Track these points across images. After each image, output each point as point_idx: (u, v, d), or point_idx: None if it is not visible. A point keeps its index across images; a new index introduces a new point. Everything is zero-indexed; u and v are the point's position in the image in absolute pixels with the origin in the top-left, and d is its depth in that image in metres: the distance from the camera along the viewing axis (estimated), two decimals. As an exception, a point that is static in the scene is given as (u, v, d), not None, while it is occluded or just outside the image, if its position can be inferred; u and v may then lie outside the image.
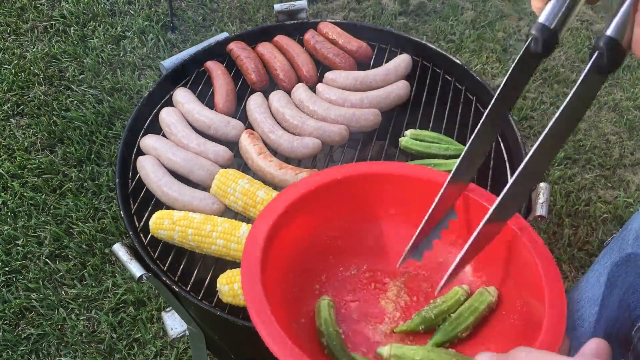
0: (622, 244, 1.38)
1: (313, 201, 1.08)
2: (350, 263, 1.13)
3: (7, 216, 2.74)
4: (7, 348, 2.36)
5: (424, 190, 1.10)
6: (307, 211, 1.08)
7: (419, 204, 1.09)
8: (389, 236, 1.15)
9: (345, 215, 1.13)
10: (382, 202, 1.14)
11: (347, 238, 1.13)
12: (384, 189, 1.14)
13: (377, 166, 1.17)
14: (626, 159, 2.99)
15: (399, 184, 1.13)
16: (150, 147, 1.68)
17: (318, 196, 1.09)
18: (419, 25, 3.67)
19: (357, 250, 1.14)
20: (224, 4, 3.81)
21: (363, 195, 1.13)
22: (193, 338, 1.72)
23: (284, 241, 1.02)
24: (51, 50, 3.50)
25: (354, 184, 1.12)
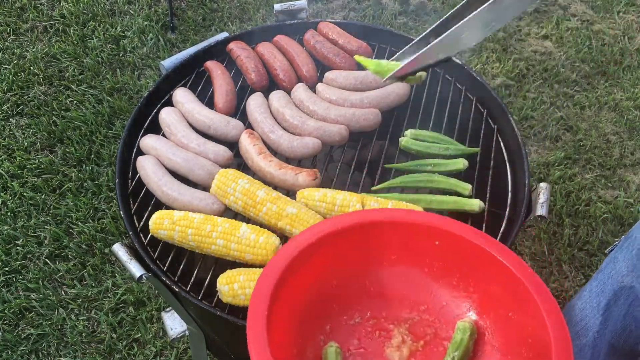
0: (626, 253, 1.37)
1: (314, 253, 1.09)
2: (354, 311, 1.13)
3: (7, 216, 2.74)
4: (7, 348, 2.36)
5: (423, 235, 1.12)
6: (309, 263, 1.08)
7: (419, 248, 1.12)
8: (391, 282, 1.15)
9: (346, 264, 1.14)
10: (382, 249, 1.15)
11: (349, 286, 1.14)
12: (384, 236, 1.14)
13: (375, 214, 1.18)
14: (626, 159, 2.99)
15: (398, 230, 1.14)
16: (150, 147, 1.68)
17: (318, 248, 1.10)
18: (419, 25, 3.67)
19: (360, 298, 1.14)
20: (224, 4, 3.81)
21: (363, 243, 1.14)
22: (193, 338, 1.71)
23: (288, 295, 1.02)
24: (51, 50, 3.50)
25: (353, 233, 1.13)
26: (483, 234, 1.11)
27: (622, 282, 1.34)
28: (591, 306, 1.44)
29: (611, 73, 3.34)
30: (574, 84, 3.30)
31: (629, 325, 1.22)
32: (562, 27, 3.65)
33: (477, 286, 1.10)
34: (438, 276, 1.14)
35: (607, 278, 1.41)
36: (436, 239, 1.11)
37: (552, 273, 2.58)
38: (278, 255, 1.06)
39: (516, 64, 3.42)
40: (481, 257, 1.07)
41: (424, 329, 1.11)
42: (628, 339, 1.22)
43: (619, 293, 1.34)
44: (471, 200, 1.55)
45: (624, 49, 3.47)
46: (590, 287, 1.49)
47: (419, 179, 1.64)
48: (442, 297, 1.12)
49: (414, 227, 1.13)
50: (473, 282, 1.11)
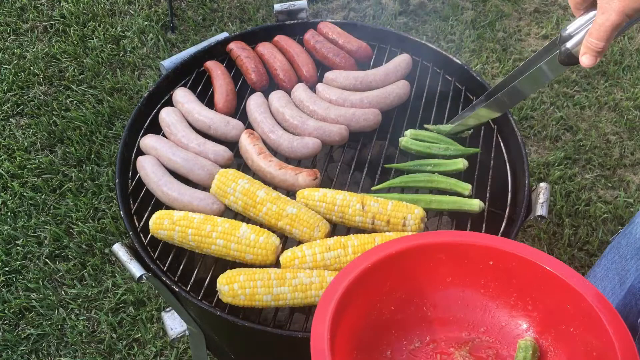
0: (629, 238, 1.38)
1: (369, 279, 1.09)
2: (413, 335, 1.13)
3: (7, 216, 2.74)
4: (7, 348, 2.36)
5: (476, 255, 1.12)
6: (365, 290, 1.08)
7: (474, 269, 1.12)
8: (448, 304, 1.15)
9: (402, 288, 1.14)
10: (437, 272, 1.15)
11: (407, 310, 1.14)
12: (437, 259, 1.14)
13: (427, 237, 1.17)
14: (626, 159, 2.99)
15: (451, 252, 1.14)
16: (150, 147, 1.68)
17: (373, 273, 1.09)
18: (419, 25, 3.67)
19: (418, 322, 1.14)
20: (224, 4, 3.81)
21: (417, 267, 1.14)
22: (193, 338, 1.72)
23: (347, 324, 1.02)
24: (51, 50, 3.50)
25: (406, 257, 1.13)
26: (537, 251, 1.11)
27: (626, 266, 1.34)
28: None
29: (611, 73, 3.34)
30: (574, 84, 3.30)
31: (629, 302, 1.23)
32: (562, 27, 3.65)
33: (535, 304, 1.10)
34: (495, 296, 1.14)
35: (611, 263, 1.42)
36: (490, 259, 1.11)
37: (552, 273, 2.58)
38: (335, 282, 1.06)
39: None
40: (537, 274, 1.07)
41: (484, 350, 1.11)
42: (629, 315, 1.22)
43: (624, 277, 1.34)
44: (471, 200, 1.55)
45: (624, 49, 3.47)
46: (593, 274, 1.49)
47: (418, 179, 1.64)
48: (500, 317, 1.13)
49: (467, 248, 1.13)
50: (531, 300, 1.10)
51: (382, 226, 1.47)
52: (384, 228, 1.47)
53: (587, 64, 1.16)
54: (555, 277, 1.04)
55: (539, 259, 1.07)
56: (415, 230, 1.46)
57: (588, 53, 1.14)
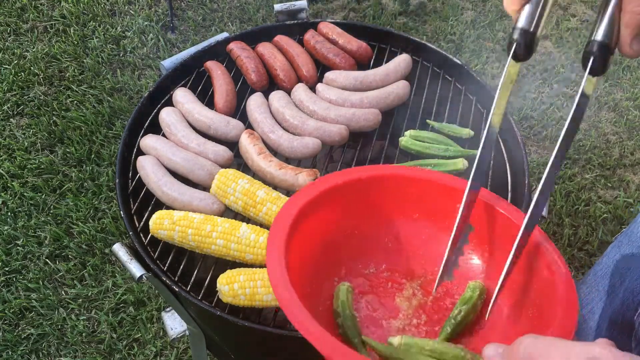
0: (631, 236, 1.38)
1: (335, 198, 1.10)
2: (369, 261, 1.15)
3: (7, 216, 2.74)
4: (7, 348, 2.36)
5: (447, 197, 1.13)
6: (329, 207, 1.10)
7: (442, 211, 1.13)
8: (409, 239, 1.17)
9: (367, 215, 1.15)
10: (404, 206, 1.16)
11: (368, 237, 1.16)
12: (408, 192, 1.15)
13: (403, 170, 1.18)
14: (626, 159, 2.99)
15: (424, 189, 1.15)
16: (150, 147, 1.68)
17: (341, 193, 1.11)
18: (419, 25, 3.67)
19: (377, 250, 1.16)
20: (224, 4, 3.81)
21: (386, 197, 1.15)
22: (193, 338, 1.72)
23: (306, 233, 1.04)
24: (51, 50, 3.51)
25: (377, 185, 1.14)
26: (504, 201, 1.12)
27: (628, 263, 1.34)
28: (597, 289, 1.45)
29: (611, 73, 3.34)
30: (574, 84, 3.30)
31: (627, 299, 1.23)
32: (562, 27, 3.65)
33: (491, 250, 1.12)
34: None
35: (612, 262, 1.42)
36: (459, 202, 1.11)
37: (552, 273, 2.58)
38: (301, 191, 1.07)
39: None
40: (498, 221, 1.09)
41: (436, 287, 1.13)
42: (626, 313, 1.23)
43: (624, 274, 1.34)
44: (471, 200, 1.55)
45: (624, 49, 3.47)
46: (594, 272, 1.50)
47: (418, 179, 1.64)
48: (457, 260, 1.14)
49: (439, 188, 1.15)
50: (488, 247, 1.12)
51: (382, 226, 1.47)
52: (384, 228, 1.47)
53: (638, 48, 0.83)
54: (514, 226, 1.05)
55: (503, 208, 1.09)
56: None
57: None
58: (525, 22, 0.91)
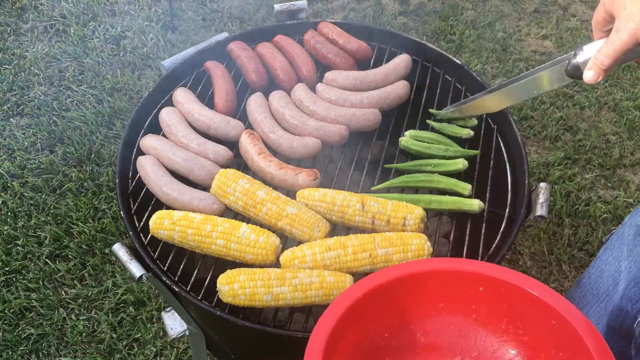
0: (622, 239, 1.38)
1: (360, 309, 1.11)
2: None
3: (7, 216, 2.74)
4: (7, 348, 2.36)
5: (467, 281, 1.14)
6: (357, 320, 1.10)
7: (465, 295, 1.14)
8: (440, 331, 1.17)
9: (395, 316, 1.16)
10: (428, 299, 1.17)
11: (400, 338, 1.16)
12: (429, 286, 1.16)
13: (418, 265, 1.19)
14: (626, 159, 2.99)
15: (442, 279, 1.16)
16: (150, 147, 1.68)
17: (364, 304, 1.11)
18: (419, 25, 3.67)
19: (412, 349, 1.16)
20: (224, 4, 3.81)
21: (409, 294, 1.16)
22: (193, 338, 1.72)
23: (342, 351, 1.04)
24: (51, 50, 3.51)
25: (398, 286, 1.15)
26: (524, 276, 1.13)
27: (620, 267, 1.34)
28: (591, 293, 1.45)
29: (611, 73, 3.34)
30: (574, 84, 3.30)
31: (625, 307, 1.23)
32: (562, 27, 3.65)
33: (525, 328, 1.12)
34: (486, 321, 1.16)
35: (604, 265, 1.42)
36: (480, 285, 1.14)
37: (551, 273, 2.58)
38: (329, 311, 1.07)
39: (516, 64, 3.42)
40: (526, 300, 1.10)
41: None
42: (625, 320, 1.22)
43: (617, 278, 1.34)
44: (471, 200, 1.55)
45: (624, 49, 3.47)
46: (588, 275, 1.49)
47: (419, 179, 1.64)
48: (492, 342, 1.15)
49: (457, 275, 1.15)
50: (522, 325, 1.13)
51: (382, 226, 1.47)
52: (384, 228, 1.47)
53: (589, 79, 1.17)
54: (543, 303, 1.07)
55: (526, 285, 1.10)
56: (415, 230, 1.46)
57: (593, 69, 1.15)
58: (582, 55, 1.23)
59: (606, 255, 1.43)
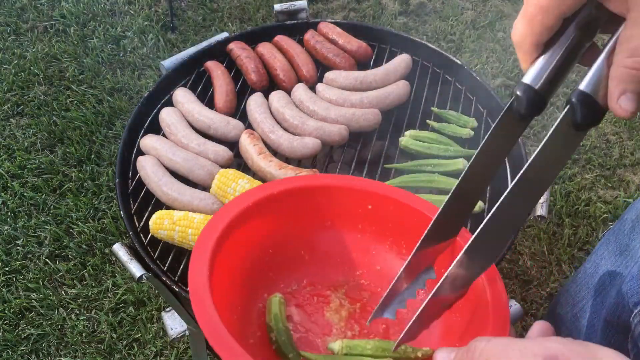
0: (618, 234, 1.38)
1: (249, 218, 1.07)
2: (291, 279, 1.12)
3: (7, 216, 2.74)
4: (7, 348, 2.36)
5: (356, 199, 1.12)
6: (244, 229, 1.07)
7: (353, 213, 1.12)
8: (325, 248, 1.15)
9: (281, 231, 1.13)
10: (316, 215, 1.14)
11: (285, 253, 1.13)
12: (317, 202, 1.14)
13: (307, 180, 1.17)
14: (626, 159, 2.99)
15: (331, 195, 1.14)
16: (150, 147, 1.68)
17: (253, 213, 1.08)
18: (419, 25, 3.67)
19: (296, 265, 1.14)
20: (224, 4, 3.81)
21: (297, 209, 1.13)
22: (193, 338, 1.72)
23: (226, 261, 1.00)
24: (51, 50, 3.50)
25: (286, 199, 1.12)
26: (413, 195, 1.11)
27: (616, 262, 1.34)
28: (587, 288, 1.44)
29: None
30: (574, 84, 3.30)
31: (622, 300, 1.23)
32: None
33: (409, 248, 1.10)
34: (372, 240, 1.14)
35: (600, 259, 1.42)
36: (369, 203, 1.11)
37: (551, 273, 2.58)
38: (214, 218, 1.04)
39: (516, 64, 3.42)
40: (413, 218, 1.08)
41: (360, 292, 1.11)
42: (622, 314, 1.22)
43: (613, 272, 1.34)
44: (471, 200, 1.55)
45: (624, 49, 3.47)
46: (584, 269, 1.49)
47: (419, 179, 1.64)
48: (376, 261, 1.13)
49: (347, 192, 1.13)
50: (405, 245, 1.12)
51: (382, 226, 1.47)
52: (384, 228, 1.47)
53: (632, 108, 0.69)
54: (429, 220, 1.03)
55: (415, 203, 1.08)
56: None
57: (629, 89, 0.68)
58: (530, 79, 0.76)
59: (602, 250, 1.44)
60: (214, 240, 0.99)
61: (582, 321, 1.42)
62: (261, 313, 1.06)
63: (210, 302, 0.87)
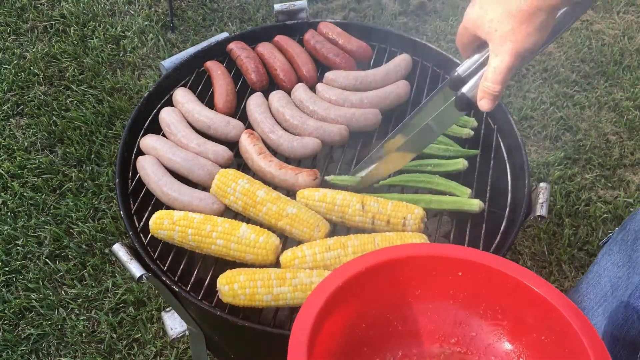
0: (621, 245, 1.38)
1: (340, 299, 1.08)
2: (385, 351, 1.13)
3: (7, 216, 2.74)
4: (7, 348, 2.36)
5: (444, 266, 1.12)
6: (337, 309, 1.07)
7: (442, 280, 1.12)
8: (418, 318, 1.15)
9: (372, 305, 1.13)
10: (406, 286, 1.15)
11: (378, 327, 1.13)
12: (406, 273, 1.14)
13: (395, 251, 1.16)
14: (626, 159, 2.99)
15: (419, 265, 1.13)
16: (150, 147, 1.68)
17: (344, 292, 1.08)
18: (419, 25, 3.67)
19: (390, 338, 1.14)
20: (224, 4, 3.81)
21: (386, 282, 1.13)
22: (193, 338, 1.72)
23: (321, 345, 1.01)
24: (51, 50, 3.50)
25: (376, 273, 1.12)
26: (505, 260, 1.11)
27: (619, 273, 1.34)
28: (589, 298, 1.44)
29: (611, 73, 3.34)
30: (574, 84, 3.30)
31: (631, 317, 1.22)
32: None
33: (505, 313, 1.10)
34: (464, 306, 1.14)
35: (603, 270, 1.41)
36: (459, 270, 1.11)
37: (552, 273, 2.58)
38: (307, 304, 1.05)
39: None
40: (506, 283, 1.07)
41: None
42: (630, 331, 1.22)
43: (616, 284, 1.34)
44: (471, 200, 1.55)
45: (624, 49, 3.47)
46: (586, 280, 1.49)
47: (418, 179, 1.64)
48: (471, 328, 1.13)
49: (435, 260, 1.13)
50: (500, 309, 1.11)
51: (382, 226, 1.47)
52: (384, 228, 1.47)
53: (486, 107, 1.13)
54: (524, 286, 1.04)
55: (507, 269, 1.08)
56: (415, 230, 1.46)
57: (485, 97, 1.12)
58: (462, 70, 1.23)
59: (605, 261, 1.43)
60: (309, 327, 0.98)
61: None
62: None
63: None
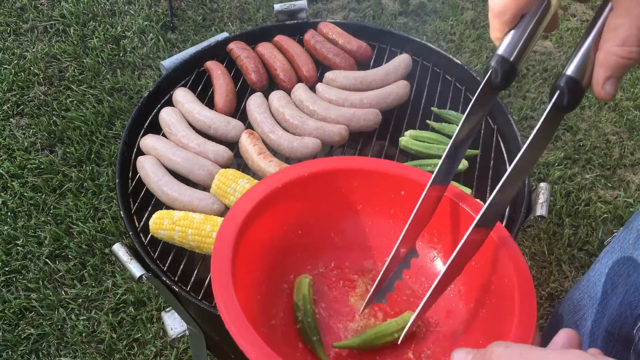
0: (623, 243, 1.38)
1: (278, 200, 1.06)
2: (318, 261, 1.11)
3: (7, 216, 2.74)
4: (7, 348, 2.36)
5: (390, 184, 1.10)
6: (274, 209, 1.06)
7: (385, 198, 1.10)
8: (355, 232, 1.14)
9: (311, 213, 1.11)
10: (348, 198, 1.13)
11: (314, 235, 1.12)
12: (350, 185, 1.12)
13: (342, 161, 1.15)
14: (626, 159, 2.99)
15: (365, 178, 1.12)
16: (150, 147, 1.68)
17: (283, 194, 1.07)
18: (419, 25, 3.67)
19: (324, 248, 1.12)
20: (224, 4, 3.81)
21: (329, 192, 1.12)
22: (193, 338, 1.72)
23: (252, 241, 1.00)
24: (51, 50, 3.50)
25: (319, 181, 1.10)
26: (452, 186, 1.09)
27: (620, 271, 1.34)
28: (589, 296, 1.44)
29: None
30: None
31: (624, 312, 1.22)
32: (562, 27, 3.65)
33: (441, 236, 1.09)
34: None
35: (605, 267, 1.42)
36: (402, 189, 1.09)
37: (552, 273, 2.58)
38: (243, 198, 1.03)
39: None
40: (446, 207, 1.06)
41: None
42: (624, 325, 1.22)
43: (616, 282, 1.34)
44: (471, 200, 1.55)
45: (624, 49, 3.47)
46: (587, 277, 1.49)
47: (418, 179, 1.64)
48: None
49: (381, 176, 1.11)
50: (437, 233, 1.09)
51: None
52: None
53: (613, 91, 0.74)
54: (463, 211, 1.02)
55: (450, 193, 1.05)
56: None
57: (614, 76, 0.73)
58: (503, 50, 0.82)
59: (606, 259, 1.43)
60: (240, 220, 0.98)
61: (581, 329, 1.42)
62: (286, 294, 1.05)
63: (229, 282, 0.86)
